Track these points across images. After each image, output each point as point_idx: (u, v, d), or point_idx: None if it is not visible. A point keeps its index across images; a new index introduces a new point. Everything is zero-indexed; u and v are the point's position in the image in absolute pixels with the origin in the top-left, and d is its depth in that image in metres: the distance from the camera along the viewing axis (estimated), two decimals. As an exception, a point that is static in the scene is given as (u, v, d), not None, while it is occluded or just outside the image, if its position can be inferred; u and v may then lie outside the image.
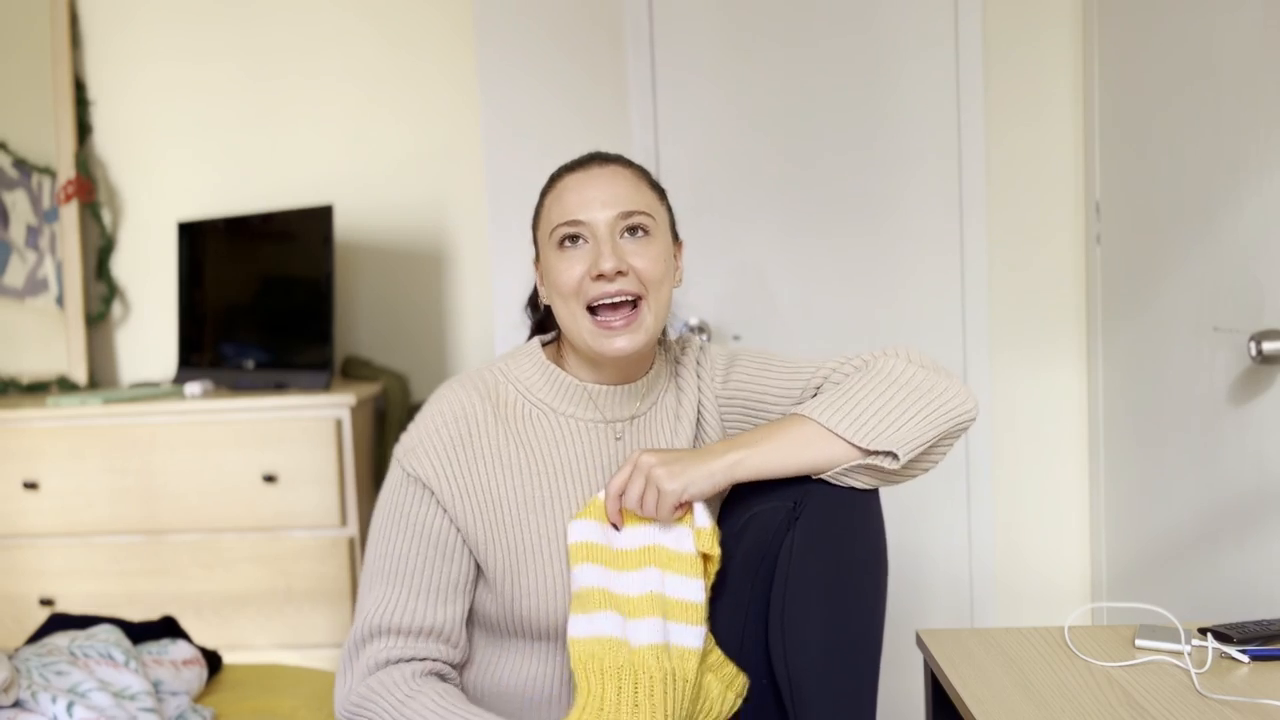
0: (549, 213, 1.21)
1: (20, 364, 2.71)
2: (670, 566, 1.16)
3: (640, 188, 1.21)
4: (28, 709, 1.39)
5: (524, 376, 1.24)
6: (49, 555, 2.38)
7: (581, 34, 2.45)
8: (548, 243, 1.20)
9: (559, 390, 1.23)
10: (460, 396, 1.20)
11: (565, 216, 1.17)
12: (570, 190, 1.19)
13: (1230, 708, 1.11)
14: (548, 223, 1.20)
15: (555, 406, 1.23)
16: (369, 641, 1.14)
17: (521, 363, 1.25)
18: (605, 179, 1.19)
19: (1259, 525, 1.64)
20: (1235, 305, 1.67)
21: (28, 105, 2.69)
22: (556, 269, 1.18)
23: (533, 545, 1.17)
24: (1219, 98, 1.71)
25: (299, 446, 2.29)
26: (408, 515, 1.17)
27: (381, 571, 1.16)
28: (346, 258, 2.69)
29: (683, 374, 1.30)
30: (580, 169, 1.21)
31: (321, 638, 2.32)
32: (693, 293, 2.46)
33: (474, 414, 1.19)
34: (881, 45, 2.38)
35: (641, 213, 1.18)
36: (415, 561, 1.15)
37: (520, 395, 1.22)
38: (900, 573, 2.44)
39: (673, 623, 1.15)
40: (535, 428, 1.21)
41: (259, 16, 2.69)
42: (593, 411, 1.23)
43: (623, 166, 1.22)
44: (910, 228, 2.40)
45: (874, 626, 1.16)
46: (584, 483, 1.21)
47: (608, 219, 1.17)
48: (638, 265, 1.16)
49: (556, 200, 1.20)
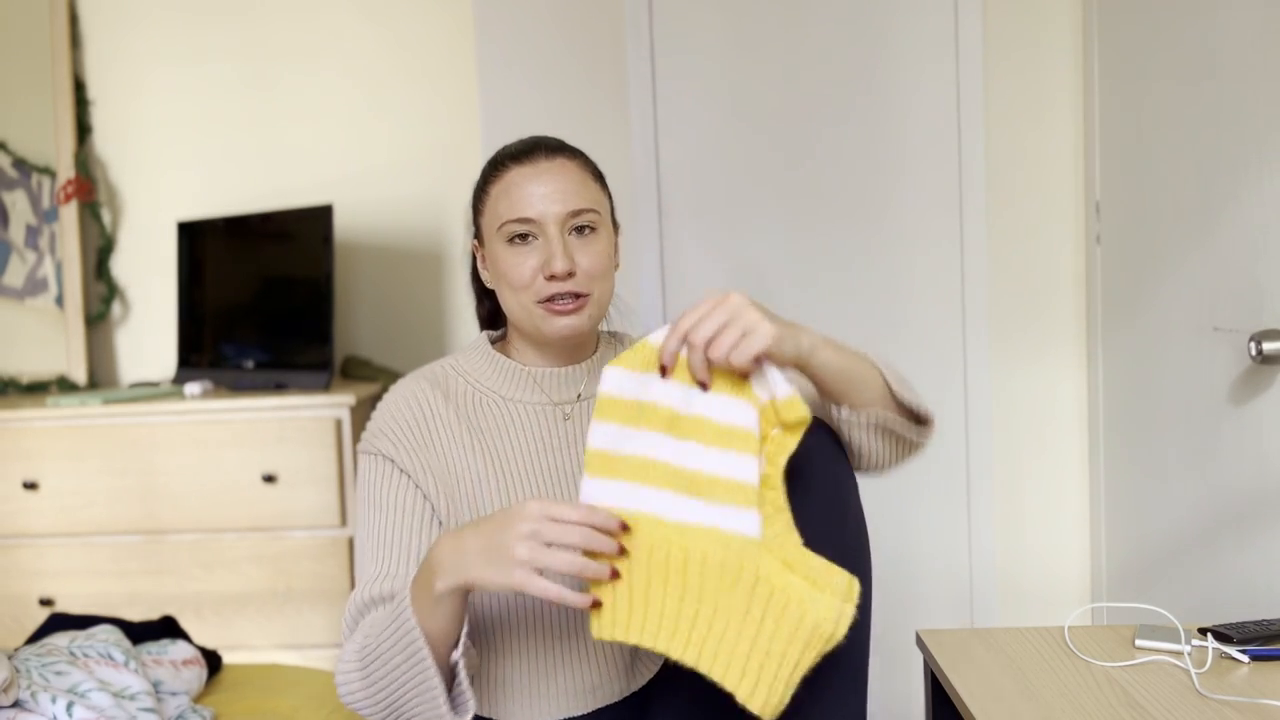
0: (496, 204, 1.22)
1: (20, 364, 2.71)
2: (716, 441, 1.03)
3: (586, 182, 1.23)
4: (27, 709, 1.39)
5: (471, 367, 1.28)
6: (49, 555, 2.38)
7: (581, 34, 2.45)
8: (495, 234, 1.22)
9: (504, 376, 1.27)
10: (412, 387, 1.25)
11: (515, 214, 1.20)
12: (518, 185, 1.20)
13: (1230, 708, 1.11)
14: (495, 215, 1.22)
15: (502, 392, 1.26)
16: (363, 614, 1.16)
17: (469, 355, 1.30)
18: (554, 175, 1.21)
19: (1259, 525, 1.64)
20: (1235, 305, 1.67)
21: (28, 105, 2.69)
22: (507, 263, 1.21)
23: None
24: (1219, 98, 1.71)
25: (299, 446, 2.29)
26: (381, 493, 1.20)
27: (370, 549, 1.19)
28: (346, 257, 2.69)
29: None
30: (527, 161, 1.22)
31: (321, 638, 2.32)
32: (693, 293, 2.46)
33: (426, 400, 1.23)
34: (882, 45, 2.38)
35: (589, 210, 1.21)
36: (397, 532, 1.19)
37: (469, 385, 1.27)
38: (900, 573, 2.44)
39: (716, 504, 1.01)
40: (485, 414, 1.25)
41: (259, 16, 2.69)
42: (538, 395, 1.27)
43: (568, 159, 1.23)
44: (910, 228, 2.40)
45: (861, 635, 1.15)
46: (535, 463, 1.24)
47: (557, 217, 1.19)
48: (584, 264, 1.20)
49: (504, 194, 1.21)
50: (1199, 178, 1.78)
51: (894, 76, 2.37)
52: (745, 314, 1.04)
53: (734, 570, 0.99)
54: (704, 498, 1.02)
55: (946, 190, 2.38)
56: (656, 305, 2.46)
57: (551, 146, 1.24)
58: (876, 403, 1.18)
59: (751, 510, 1.00)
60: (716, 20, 2.40)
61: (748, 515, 1.00)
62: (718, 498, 1.02)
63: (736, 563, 0.99)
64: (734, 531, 1.00)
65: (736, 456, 1.02)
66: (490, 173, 1.25)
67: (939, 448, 2.42)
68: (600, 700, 1.25)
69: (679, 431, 1.04)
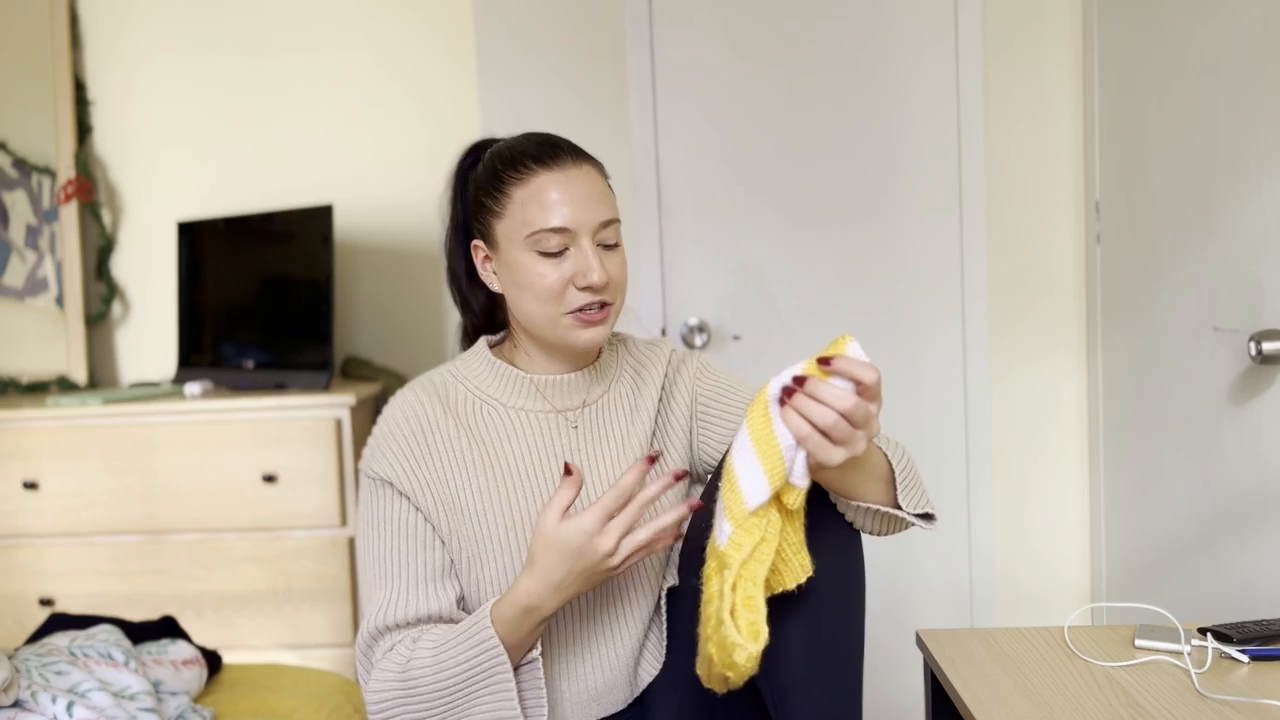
0: (522, 209, 1.17)
1: (20, 364, 2.71)
2: (759, 445, 1.01)
3: (607, 190, 1.21)
4: (27, 709, 1.39)
5: (472, 375, 1.26)
6: (49, 555, 2.38)
7: (581, 34, 2.45)
8: (520, 242, 1.17)
9: (506, 384, 1.25)
10: (411, 399, 1.23)
11: (548, 223, 1.16)
12: (549, 191, 1.16)
13: (1230, 708, 1.11)
14: (522, 221, 1.17)
15: (504, 400, 1.25)
16: (376, 642, 1.17)
17: (469, 362, 1.27)
18: (584, 182, 1.18)
19: (1259, 525, 1.64)
20: (1235, 305, 1.67)
21: (28, 105, 2.69)
22: (534, 271, 1.17)
23: (493, 536, 1.20)
24: (1219, 98, 1.71)
25: (299, 446, 2.30)
26: (383, 516, 1.20)
27: (374, 576, 1.19)
28: (346, 258, 2.69)
29: (647, 365, 1.33)
30: (555, 166, 1.18)
31: (321, 638, 2.32)
32: (693, 293, 2.46)
33: (426, 413, 1.22)
34: (881, 45, 2.38)
35: (615, 220, 1.20)
36: (400, 558, 1.18)
37: (469, 393, 1.25)
38: (900, 573, 2.45)
39: (721, 498, 1.04)
40: (487, 423, 1.24)
41: (259, 16, 2.69)
42: (541, 403, 1.25)
43: (591, 166, 1.21)
44: (910, 228, 2.40)
45: (854, 632, 1.16)
46: (539, 474, 1.23)
47: (590, 228, 1.17)
48: (613, 274, 1.19)
49: (534, 199, 1.16)
50: (1199, 178, 1.78)
51: (894, 76, 2.38)
52: (871, 426, 0.98)
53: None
54: (722, 484, 1.04)
55: (946, 190, 2.38)
56: (656, 305, 2.46)
57: (574, 149, 1.21)
58: (875, 497, 1.13)
59: (728, 523, 1.01)
60: (716, 21, 2.40)
61: (724, 525, 1.01)
62: (723, 495, 1.03)
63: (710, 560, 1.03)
64: (714, 532, 1.03)
65: (759, 472, 1.01)
66: (508, 172, 1.19)
67: (939, 448, 2.42)
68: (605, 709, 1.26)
69: (753, 415, 1.03)
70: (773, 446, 1.00)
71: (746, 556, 1.00)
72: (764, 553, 1.01)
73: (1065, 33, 2.33)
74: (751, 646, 0.95)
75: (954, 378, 2.41)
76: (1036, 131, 2.36)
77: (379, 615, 1.16)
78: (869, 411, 0.96)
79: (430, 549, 1.19)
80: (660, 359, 1.33)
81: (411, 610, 1.16)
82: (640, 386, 1.31)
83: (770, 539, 1.02)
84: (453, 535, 1.20)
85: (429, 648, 1.12)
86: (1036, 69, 2.35)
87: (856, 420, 0.96)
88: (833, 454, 0.96)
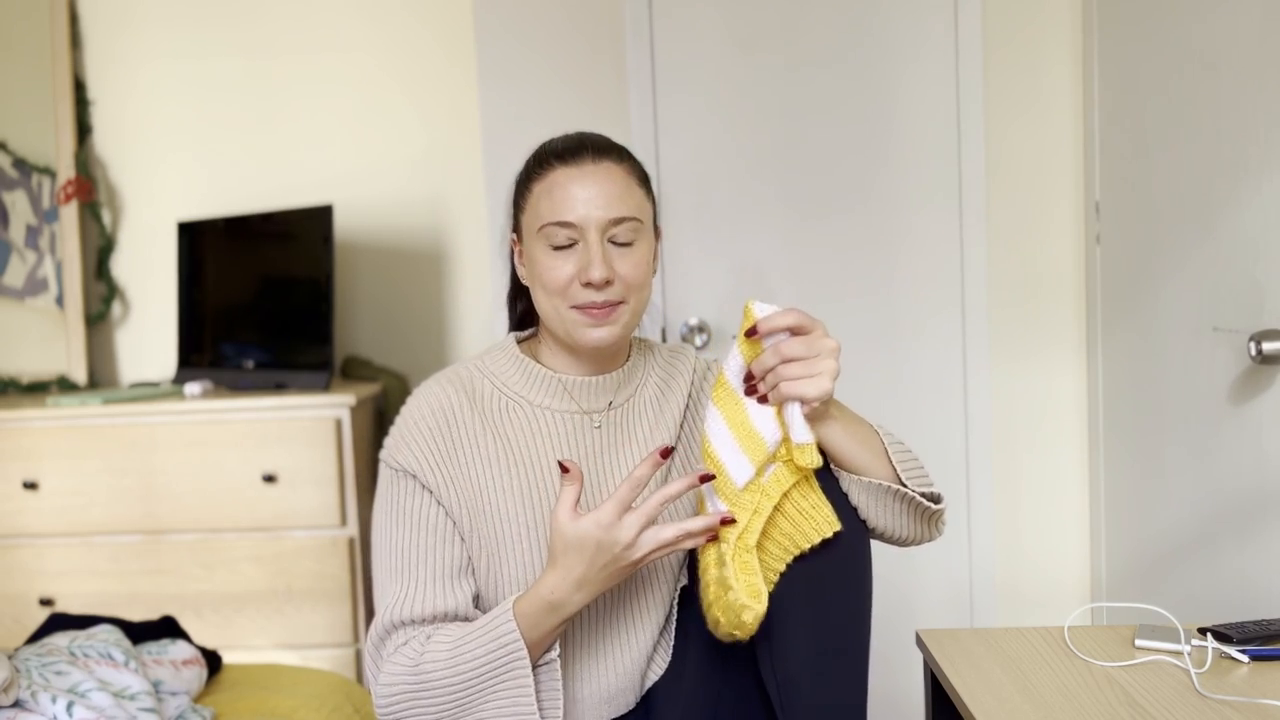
0: (538, 203, 1.19)
1: (20, 364, 2.71)
2: (736, 430, 1.15)
3: (630, 186, 1.19)
4: (27, 709, 1.39)
5: (499, 371, 1.25)
6: (49, 555, 2.38)
7: (581, 34, 2.45)
8: (535, 235, 1.19)
9: (533, 382, 1.24)
10: (437, 392, 1.22)
11: (556, 216, 1.16)
12: (560, 186, 1.17)
13: (1230, 708, 1.11)
14: (536, 215, 1.19)
15: (530, 399, 1.24)
16: (388, 638, 1.16)
17: (497, 358, 1.26)
18: (599, 178, 1.17)
19: (1259, 525, 1.64)
20: (1235, 305, 1.67)
21: (28, 105, 2.69)
22: (544, 264, 1.18)
23: (514, 535, 1.19)
24: (1219, 98, 1.71)
25: (299, 446, 2.29)
26: (402, 508, 1.19)
27: (390, 569, 1.18)
28: (346, 258, 2.69)
29: (674, 373, 1.32)
30: (573, 161, 1.18)
31: (321, 638, 2.32)
32: (693, 293, 2.46)
33: (451, 407, 1.21)
34: (881, 45, 2.37)
35: (631, 219, 1.18)
36: (418, 551, 1.17)
37: (496, 389, 1.24)
38: (900, 573, 2.44)
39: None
40: (512, 420, 1.23)
41: (259, 17, 2.69)
42: (568, 402, 1.24)
43: (615, 162, 1.20)
44: (910, 228, 2.40)
45: (861, 631, 1.16)
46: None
47: (598, 223, 1.16)
48: (623, 272, 1.17)
49: (547, 193, 1.18)
50: (1199, 178, 1.78)
51: (894, 76, 2.37)
52: (827, 363, 1.10)
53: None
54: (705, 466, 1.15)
55: (946, 190, 2.38)
56: (657, 305, 2.46)
57: (600, 147, 1.20)
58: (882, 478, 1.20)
59: (720, 501, 1.13)
60: (716, 20, 2.40)
61: (717, 503, 1.13)
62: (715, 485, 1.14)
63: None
64: (707, 507, 1.15)
65: (740, 454, 1.13)
66: (534, 168, 1.21)
67: (939, 448, 2.42)
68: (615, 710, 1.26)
69: (720, 399, 1.16)
70: (749, 430, 1.13)
71: (741, 530, 1.11)
72: (756, 525, 1.12)
73: (1065, 32, 2.33)
74: (757, 606, 1.06)
75: (954, 378, 2.41)
76: (1036, 131, 2.35)
77: (394, 609, 1.15)
78: (812, 319, 1.11)
79: (450, 545, 1.18)
80: (686, 367, 1.33)
81: (428, 606, 1.15)
82: (666, 393, 1.30)
83: (761, 511, 1.12)
84: (473, 532, 1.19)
85: (445, 642, 1.12)
86: (1036, 68, 2.35)
87: (807, 327, 1.11)
88: (809, 387, 1.09)
